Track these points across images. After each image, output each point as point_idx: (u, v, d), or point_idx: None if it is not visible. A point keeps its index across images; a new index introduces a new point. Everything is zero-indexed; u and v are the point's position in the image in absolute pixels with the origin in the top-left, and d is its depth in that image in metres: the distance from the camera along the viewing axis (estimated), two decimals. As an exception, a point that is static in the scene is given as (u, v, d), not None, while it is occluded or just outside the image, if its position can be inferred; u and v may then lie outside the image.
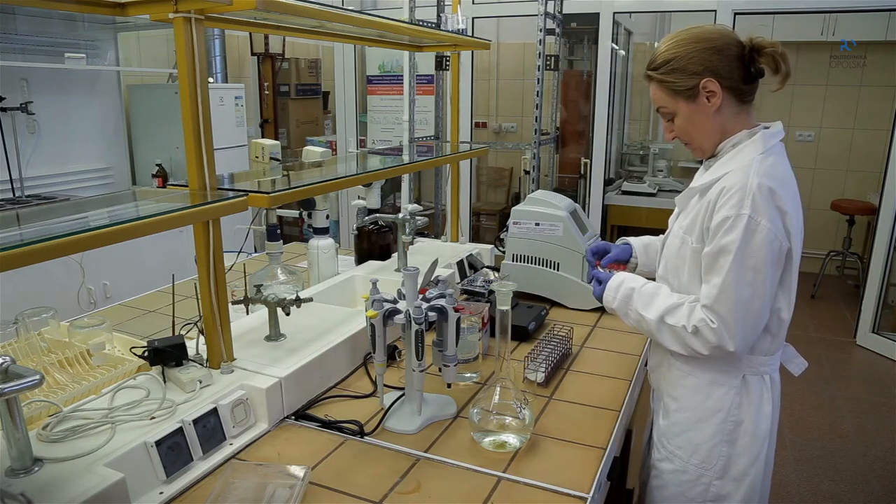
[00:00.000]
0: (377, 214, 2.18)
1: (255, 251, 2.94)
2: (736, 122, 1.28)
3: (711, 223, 1.22)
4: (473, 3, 4.67)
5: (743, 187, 1.18)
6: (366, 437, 1.30)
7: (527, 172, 4.49)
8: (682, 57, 1.23)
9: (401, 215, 2.09)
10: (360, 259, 2.26)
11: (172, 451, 1.13)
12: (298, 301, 1.51)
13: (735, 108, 1.27)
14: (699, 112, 1.26)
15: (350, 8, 1.67)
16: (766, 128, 1.29)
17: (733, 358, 1.29)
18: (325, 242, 2.07)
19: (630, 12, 5.07)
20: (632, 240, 1.63)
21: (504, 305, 1.26)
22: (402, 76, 4.50)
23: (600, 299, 1.44)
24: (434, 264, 1.52)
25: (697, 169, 1.42)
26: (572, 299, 2.03)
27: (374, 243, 2.26)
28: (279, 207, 2.10)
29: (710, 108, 1.25)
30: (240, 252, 2.06)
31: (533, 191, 3.66)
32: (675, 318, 1.27)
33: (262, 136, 5.33)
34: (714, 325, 1.21)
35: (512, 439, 1.26)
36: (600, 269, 1.50)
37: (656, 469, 1.42)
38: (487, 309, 1.70)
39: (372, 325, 1.28)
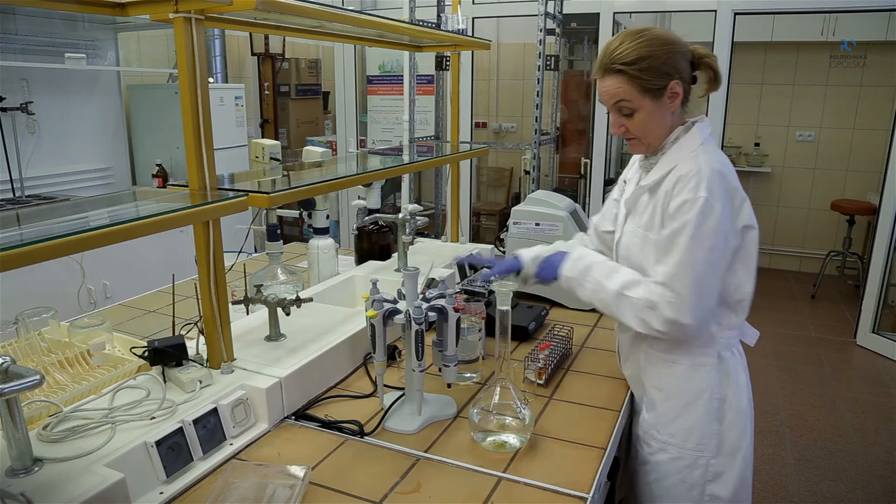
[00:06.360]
0: (377, 214, 2.18)
1: (255, 251, 2.94)
2: (678, 120, 1.37)
3: (669, 208, 1.27)
4: (473, 3, 4.67)
5: (698, 172, 1.25)
6: (366, 437, 1.30)
7: (527, 172, 4.49)
8: (659, 57, 1.27)
9: (401, 215, 2.08)
10: (360, 259, 2.26)
11: (172, 451, 1.13)
12: (298, 301, 1.51)
13: (681, 108, 1.35)
14: (659, 111, 1.31)
15: (350, 8, 1.67)
16: (694, 122, 1.36)
17: (706, 336, 1.34)
18: (325, 242, 2.07)
19: (630, 12, 5.06)
20: (521, 252, 1.57)
21: (504, 305, 1.26)
22: (402, 76, 4.50)
23: (533, 277, 1.49)
24: (429, 273, 1.52)
25: None
26: (572, 299, 2.03)
27: (374, 243, 2.26)
28: (279, 207, 2.10)
29: (670, 108, 1.32)
30: (240, 252, 2.06)
31: (533, 191, 3.67)
32: (635, 292, 1.31)
33: (262, 136, 5.34)
34: (672, 301, 1.25)
35: (512, 439, 1.26)
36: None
37: (650, 463, 1.43)
38: (487, 309, 1.70)
39: (372, 325, 1.29)
